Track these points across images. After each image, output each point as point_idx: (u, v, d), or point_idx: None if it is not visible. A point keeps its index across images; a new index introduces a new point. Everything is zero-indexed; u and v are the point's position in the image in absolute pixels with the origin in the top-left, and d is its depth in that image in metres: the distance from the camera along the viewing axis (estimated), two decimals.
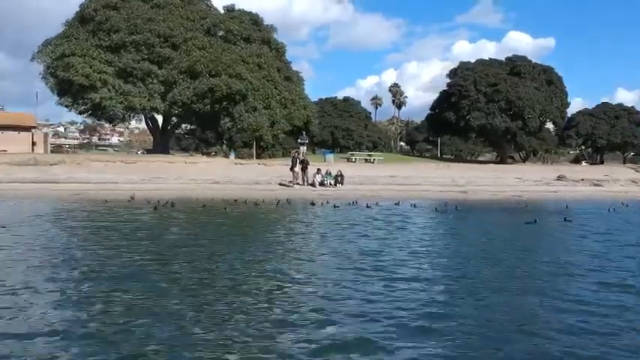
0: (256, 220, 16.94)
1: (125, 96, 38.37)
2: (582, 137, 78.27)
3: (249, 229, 14.46)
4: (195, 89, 37.79)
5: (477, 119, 55.96)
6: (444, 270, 9.04)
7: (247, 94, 38.47)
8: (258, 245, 11.18)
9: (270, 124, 39.95)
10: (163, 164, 35.92)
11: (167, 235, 12.71)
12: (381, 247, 11.11)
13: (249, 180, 33.06)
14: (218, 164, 36.82)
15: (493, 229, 15.23)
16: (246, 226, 15.32)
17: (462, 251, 11.13)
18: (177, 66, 38.87)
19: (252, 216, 18.21)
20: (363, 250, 10.69)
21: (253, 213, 19.07)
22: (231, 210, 19.70)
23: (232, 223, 15.62)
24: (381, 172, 38.11)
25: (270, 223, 16.01)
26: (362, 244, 11.54)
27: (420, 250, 11.04)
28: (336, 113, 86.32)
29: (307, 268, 8.96)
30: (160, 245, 10.96)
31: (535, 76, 58.16)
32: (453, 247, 12.01)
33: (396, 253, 10.40)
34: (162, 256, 9.70)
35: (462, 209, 21.45)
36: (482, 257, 10.28)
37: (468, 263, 9.59)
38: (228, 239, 12.05)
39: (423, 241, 12.52)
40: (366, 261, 9.51)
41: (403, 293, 7.29)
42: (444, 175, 38.46)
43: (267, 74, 40.63)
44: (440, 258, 10.23)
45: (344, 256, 9.99)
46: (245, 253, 10.07)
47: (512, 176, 39.75)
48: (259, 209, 20.69)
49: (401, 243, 11.90)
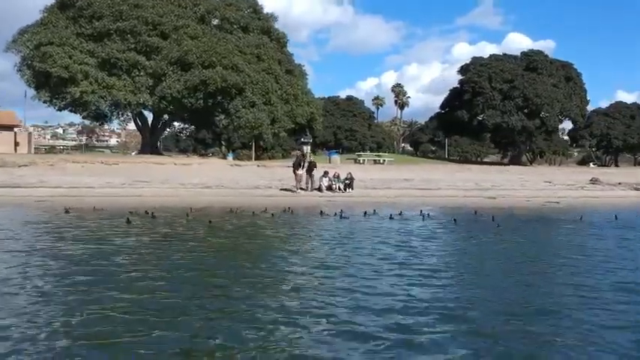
0: (251, 243, 12.27)
1: (109, 90, 33.76)
2: (596, 138, 73.87)
3: (240, 264, 9.68)
4: (187, 82, 33.19)
5: (492, 118, 51.47)
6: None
7: (245, 88, 33.90)
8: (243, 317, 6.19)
9: (271, 121, 35.35)
10: (150, 166, 31.38)
11: (122, 277, 7.98)
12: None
13: (246, 184, 28.51)
14: (212, 166, 32.29)
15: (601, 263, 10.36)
16: (237, 255, 10.65)
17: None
18: (167, 57, 34.26)
19: (245, 235, 13.65)
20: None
21: (247, 229, 14.52)
22: (220, 224, 15.20)
23: (220, 246, 11.04)
24: (394, 174, 33.58)
25: (270, 252, 11.05)
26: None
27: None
28: (339, 113, 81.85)
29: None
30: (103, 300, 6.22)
31: (553, 72, 53.70)
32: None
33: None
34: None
35: (504, 221, 16.93)
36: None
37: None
38: (203, 285, 7.35)
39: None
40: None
41: None
42: (465, 178, 33.93)
43: (267, 67, 36.05)
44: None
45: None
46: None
47: (540, 179, 35.19)
48: (256, 222, 16.19)
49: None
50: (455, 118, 54.35)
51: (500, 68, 52.72)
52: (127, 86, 34.11)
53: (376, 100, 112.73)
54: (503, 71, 52.45)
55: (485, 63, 54.26)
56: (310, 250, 10.91)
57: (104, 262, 8.87)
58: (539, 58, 53.92)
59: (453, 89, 57.11)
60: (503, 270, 9.03)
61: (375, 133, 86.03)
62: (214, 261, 9.38)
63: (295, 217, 18.25)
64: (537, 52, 55.19)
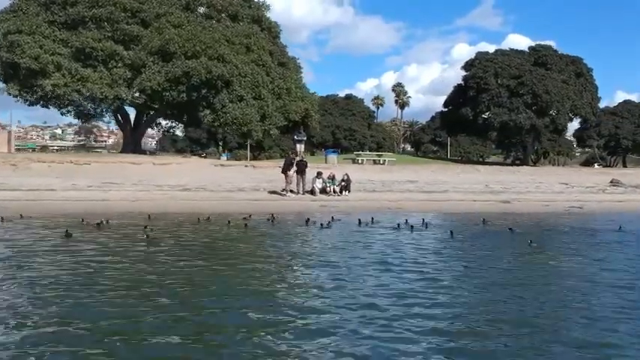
0: (187, 276, 8.54)
1: (83, 82, 30.38)
2: (604, 138, 70.43)
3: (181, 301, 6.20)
4: (168, 74, 29.76)
5: (498, 115, 47.95)
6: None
7: (232, 81, 30.50)
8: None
9: (261, 117, 31.93)
10: (125, 166, 28.02)
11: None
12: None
13: (230, 186, 25.14)
14: (194, 166, 28.93)
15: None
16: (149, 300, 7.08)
17: None
18: (147, 46, 30.93)
19: (194, 256, 10.14)
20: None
21: (204, 247, 11.06)
22: (174, 238, 11.92)
23: (135, 282, 7.54)
24: (395, 176, 30.20)
25: (196, 294, 7.42)
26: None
27: None
28: (338, 112, 78.38)
29: None
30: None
31: (562, 67, 50.17)
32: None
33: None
34: None
35: (530, 235, 13.57)
36: None
37: None
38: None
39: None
40: None
41: None
42: (474, 180, 30.53)
43: (258, 58, 32.62)
44: None
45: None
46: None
47: (555, 181, 31.82)
48: (222, 236, 12.86)
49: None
50: (459, 117, 50.88)
51: (507, 63, 49.26)
52: (104, 79, 30.69)
53: (376, 100, 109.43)
54: (510, 66, 48.97)
55: (491, 58, 50.80)
56: (264, 289, 7.41)
57: None
58: (548, 53, 50.43)
59: (457, 86, 53.62)
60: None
61: (375, 133, 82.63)
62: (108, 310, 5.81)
63: (275, 228, 14.87)
64: (546, 46, 51.75)
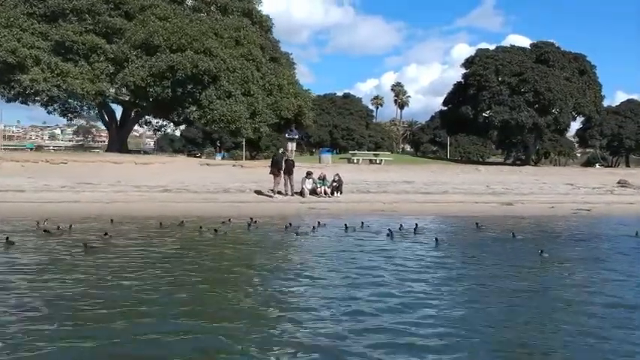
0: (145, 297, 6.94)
1: (63, 77, 28.69)
2: (607, 137, 68.65)
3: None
4: (152, 68, 28.08)
5: (499, 114, 46.18)
6: None
7: (219, 76, 28.77)
8: None
9: (250, 114, 30.24)
10: (105, 165, 26.33)
11: None
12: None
13: (214, 187, 23.44)
14: (179, 166, 27.21)
15: None
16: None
17: None
18: (130, 39, 29.25)
19: (142, 268, 8.45)
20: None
21: (154, 260, 9.35)
22: (138, 241, 10.31)
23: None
24: (392, 176, 28.49)
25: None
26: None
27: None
28: (335, 111, 76.62)
29: None
30: None
31: (565, 64, 48.37)
32: None
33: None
34: None
35: (531, 237, 11.91)
36: None
37: None
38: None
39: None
40: None
41: None
42: (474, 180, 28.82)
43: (248, 52, 30.91)
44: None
45: None
46: None
47: (559, 181, 30.09)
48: (190, 242, 11.23)
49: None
50: (459, 115, 49.09)
51: (509, 60, 47.47)
52: (85, 73, 28.95)
53: (375, 100, 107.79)
54: (512, 63, 47.17)
55: (492, 55, 48.99)
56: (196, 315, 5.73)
57: None
58: (551, 50, 48.64)
59: (457, 84, 51.83)
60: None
61: (374, 133, 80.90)
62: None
63: (250, 234, 13.23)
64: (548, 43, 49.89)
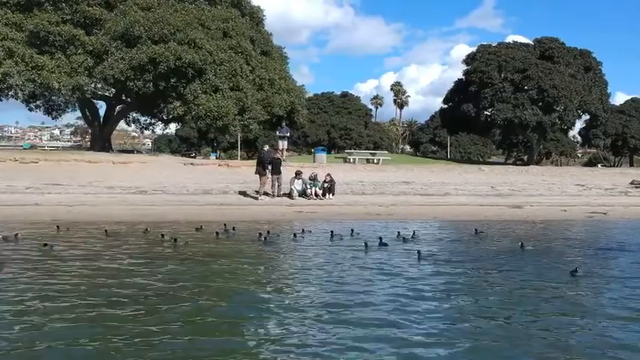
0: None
1: (38, 71, 26.63)
2: (611, 137, 66.51)
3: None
4: (132, 60, 26.04)
5: (502, 112, 44.13)
6: None
7: (205, 69, 26.71)
8: None
9: (239, 110, 28.19)
10: (79, 165, 24.26)
11: None
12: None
13: (195, 189, 21.38)
14: (160, 165, 25.17)
15: None
16: None
17: None
18: (111, 30, 27.20)
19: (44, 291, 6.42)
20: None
21: (75, 277, 7.33)
22: (77, 252, 8.25)
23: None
24: (390, 176, 26.42)
25: None
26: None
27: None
28: (333, 110, 74.53)
29: None
30: None
31: (570, 60, 46.28)
32: None
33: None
34: None
35: (546, 249, 9.85)
36: None
37: None
38: None
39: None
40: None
41: None
42: (478, 181, 26.76)
43: (237, 44, 28.82)
44: None
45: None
46: None
47: (569, 182, 28.03)
48: (138, 255, 9.18)
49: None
50: (460, 114, 46.99)
51: (512, 56, 45.40)
52: (62, 66, 26.87)
53: (375, 100, 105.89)
54: (515, 60, 45.09)
55: (494, 51, 46.91)
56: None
57: None
58: (555, 46, 46.55)
59: (458, 81, 49.74)
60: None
61: (373, 132, 78.79)
62: None
63: (217, 244, 11.18)
64: (552, 38, 47.77)
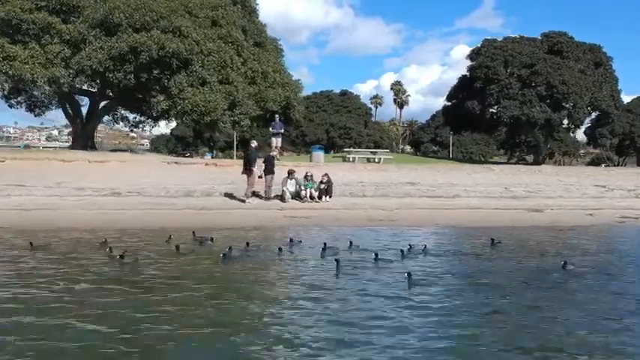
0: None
1: (10, 62, 24.29)
2: (618, 136, 64.26)
3: None
4: (111, 50, 23.72)
5: (509, 109, 41.72)
6: None
7: (191, 60, 24.34)
8: None
9: (229, 105, 25.84)
10: (51, 164, 21.87)
11: None
12: None
13: (175, 190, 18.99)
14: (142, 165, 22.79)
15: None
16: None
17: None
18: (89, 18, 24.86)
19: None
20: None
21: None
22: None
23: None
24: (392, 176, 24.02)
25: None
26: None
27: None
28: (332, 109, 72.15)
29: None
30: None
31: (579, 55, 43.85)
32: None
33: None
34: None
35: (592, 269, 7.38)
36: None
37: None
38: None
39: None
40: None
41: None
42: (489, 182, 24.37)
43: (227, 34, 26.46)
44: None
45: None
46: None
47: (587, 183, 25.69)
48: (75, 279, 6.79)
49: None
50: (464, 111, 44.59)
51: (519, 51, 42.97)
52: (36, 57, 24.52)
53: (375, 99, 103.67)
54: (522, 54, 42.68)
55: (500, 46, 44.48)
56: None
57: None
58: (564, 40, 44.11)
59: (462, 77, 47.26)
60: None
61: (373, 132, 76.41)
62: None
63: (174, 264, 8.79)
64: (561, 33, 45.40)
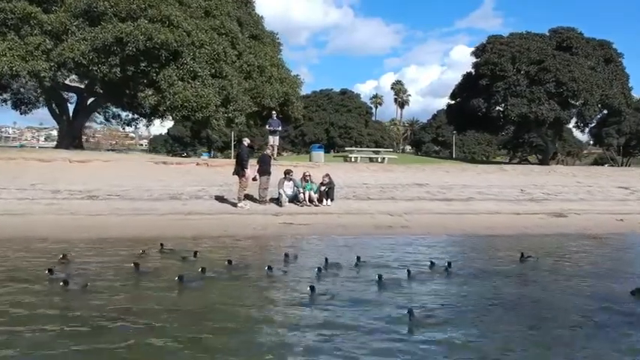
0: None
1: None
2: (625, 136, 62.46)
3: None
4: (95, 41, 21.84)
5: (517, 107, 39.84)
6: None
7: (182, 52, 22.45)
8: None
9: (222, 101, 23.94)
10: (29, 164, 19.95)
11: None
12: None
13: (160, 192, 17.08)
14: (126, 164, 20.87)
15: None
16: None
17: None
18: (72, 7, 22.98)
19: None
20: None
21: None
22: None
23: None
24: (399, 177, 22.10)
25: None
26: None
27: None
28: (332, 108, 70.25)
29: None
30: None
31: (589, 51, 41.98)
32: None
33: None
34: None
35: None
36: None
37: None
38: None
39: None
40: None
41: None
42: (503, 183, 22.41)
43: (220, 25, 24.58)
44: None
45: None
46: None
47: (608, 184, 23.82)
48: None
49: None
50: (469, 110, 42.68)
51: (526, 47, 41.03)
52: (15, 49, 22.59)
53: (375, 99, 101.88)
54: (530, 50, 40.80)
55: (507, 41, 42.54)
56: None
57: None
58: (573, 36, 42.19)
59: (466, 74, 45.36)
60: None
61: (373, 131, 74.51)
62: None
63: (130, 287, 6.89)
64: (569, 28, 43.48)
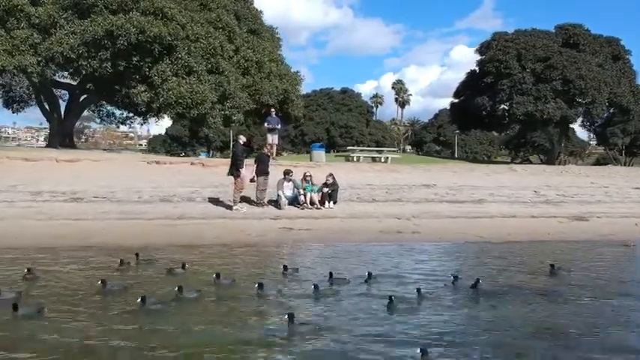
0: None
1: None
2: (630, 135, 61.33)
3: None
4: (84, 34, 20.67)
5: (523, 105, 38.68)
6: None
7: (176, 46, 21.24)
8: None
9: (219, 98, 22.75)
10: (14, 163, 18.72)
11: None
12: None
13: (150, 194, 15.86)
14: (117, 164, 19.69)
15: None
16: None
17: None
18: (60, 0, 21.83)
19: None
20: None
21: None
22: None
23: None
24: (405, 178, 20.87)
25: None
26: None
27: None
28: (333, 107, 69.08)
29: None
30: None
31: (597, 49, 40.84)
32: None
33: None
34: None
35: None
36: None
37: None
38: None
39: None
40: None
41: None
42: (514, 184, 21.20)
43: (217, 18, 23.41)
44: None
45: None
46: None
47: (625, 185, 22.59)
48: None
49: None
50: (473, 108, 41.54)
51: (532, 44, 39.84)
52: (1, 43, 21.45)
53: (375, 99, 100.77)
54: (536, 47, 39.63)
55: (512, 38, 41.34)
56: None
57: None
58: (580, 32, 41.03)
59: (470, 72, 44.18)
60: None
61: (374, 131, 73.35)
62: None
63: (96, 305, 5.58)
64: (576, 25, 42.33)
